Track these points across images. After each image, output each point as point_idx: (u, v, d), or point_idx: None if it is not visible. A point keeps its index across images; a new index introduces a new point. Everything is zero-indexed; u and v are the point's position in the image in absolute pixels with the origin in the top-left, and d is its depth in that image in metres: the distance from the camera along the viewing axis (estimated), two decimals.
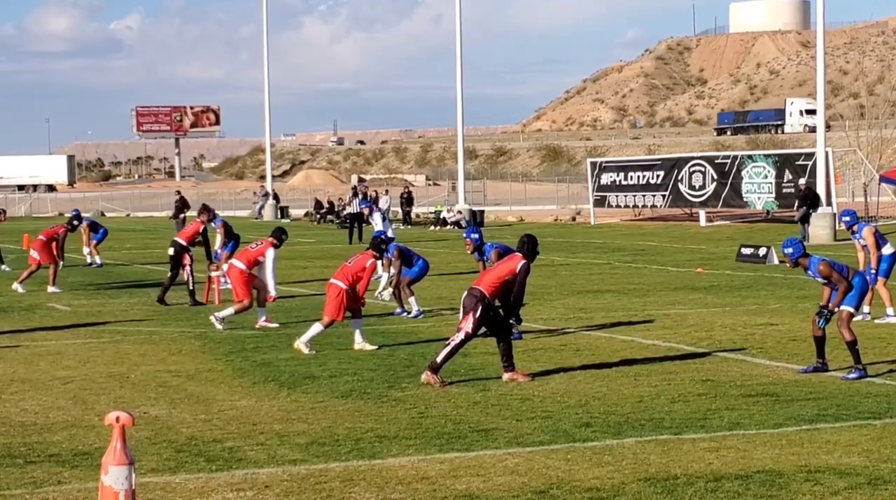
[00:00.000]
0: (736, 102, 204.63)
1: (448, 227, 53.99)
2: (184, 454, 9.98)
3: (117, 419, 6.85)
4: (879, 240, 18.23)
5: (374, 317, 19.50)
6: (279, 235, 18.73)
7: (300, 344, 15.60)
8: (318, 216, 63.22)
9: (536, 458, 9.63)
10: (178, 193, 53.39)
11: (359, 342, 15.92)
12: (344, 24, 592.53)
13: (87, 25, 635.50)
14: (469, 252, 17.95)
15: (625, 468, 9.23)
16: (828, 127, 45.85)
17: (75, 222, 27.70)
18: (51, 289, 24.84)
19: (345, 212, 48.22)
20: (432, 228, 54.37)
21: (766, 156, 48.22)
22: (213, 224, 26.32)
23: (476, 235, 17.87)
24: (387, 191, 63.18)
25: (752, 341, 15.99)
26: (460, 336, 13.12)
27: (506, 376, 13.14)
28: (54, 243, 25.46)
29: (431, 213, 60.05)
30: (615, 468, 9.24)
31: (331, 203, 63.24)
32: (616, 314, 19.39)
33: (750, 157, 48.68)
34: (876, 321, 17.82)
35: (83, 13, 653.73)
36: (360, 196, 48.23)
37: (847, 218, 18.60)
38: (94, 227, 33.33)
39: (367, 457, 9.77)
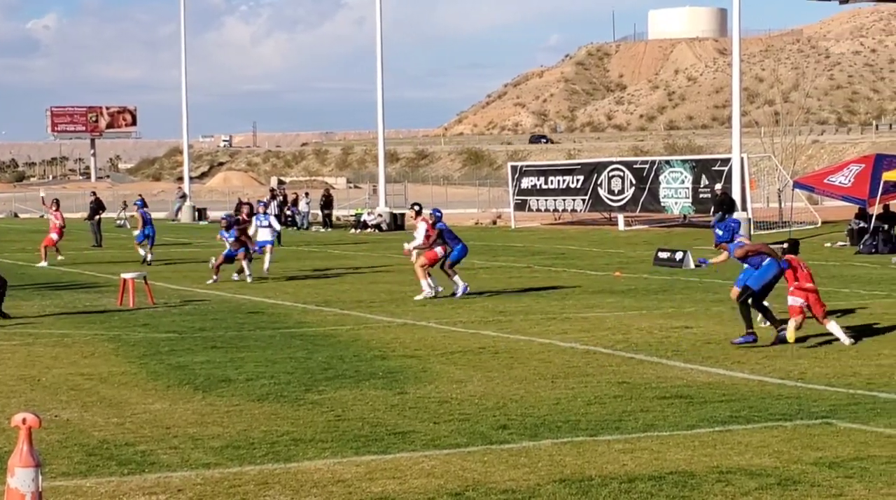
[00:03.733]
0: (654, 108, 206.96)
1: (368, 229, 53.89)
2: (95, 458, 9.84)
3: (24, 421, 6.74)
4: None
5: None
6: None
7: (847, 340, 15.76)
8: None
9: (453, 460, 9.63)
10: (94, 194, 52.63)
11: (842, 336, 15.83)
12: (265, 24, 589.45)
13: (2, 25, 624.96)
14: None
15: (540, 470, 9.26)
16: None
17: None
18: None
19: None
20: (352, 230, 54.25)
21: (684, 161, 48.76)
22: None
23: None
24: (307, 193, 62.95)
25: (668, 344, 16.14)
26: None
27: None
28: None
29: (352, 216, 59.92)
30: (531, 470, 9.26)
31: (249, 204, 62.82)
32: (535, 317, 19.47)
33: (667, 162, 49.20)
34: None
35: None
36: (280, 199, 47.90)
37: None
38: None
39: (283, 460, 9.70)
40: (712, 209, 40.63)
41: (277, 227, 31.18)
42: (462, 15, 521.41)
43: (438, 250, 22.80)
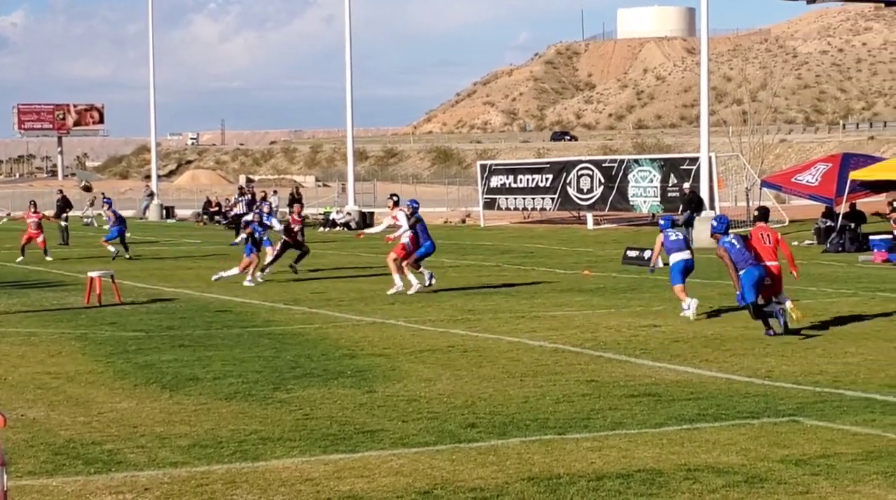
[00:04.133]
0: (623, 107, 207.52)
1: (337, 228, 53.78)
2: (62, 457, 9.78)
3: None
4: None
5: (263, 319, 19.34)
6: None
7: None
8: (205, 216, 62.57)
9: (421, 459, 9.63)
10: (61, 192, 52.39)
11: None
12: (234, 22, 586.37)
13: None
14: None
15: (509, 468, 9.27)
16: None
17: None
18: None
19: (231, 212, 47.62)
20: (321, 229, 54.14)
21: (652, 160, 48.91)
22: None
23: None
24: (275, 191, 62.73)
25: (636, 343, 16.18)
26: None
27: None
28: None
29: (320, 214, 59.78)
30: (499, 468, 9.27)
31: (219, 204, 62.67)
32: (504, 316, 19.49)
33: (636, 161, 49.34)
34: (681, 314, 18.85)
35: None
36: (246, 198, 47.62)
37: None
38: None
39: (251, 459, 9.67)
40: (680, 208, 40.80)
41: (277, 227, 29.30)
42: (432, 13, 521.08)
43: (407, 242, 23.34)
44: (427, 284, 23.31)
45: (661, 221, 20.20)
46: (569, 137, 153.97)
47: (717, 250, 17.40)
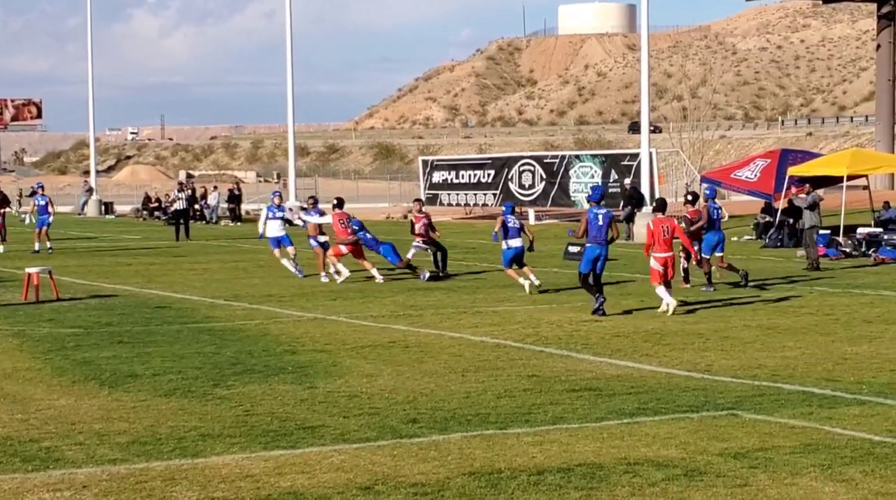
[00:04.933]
0: (565, 103, 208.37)
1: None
2: None
3: None
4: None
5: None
6: None
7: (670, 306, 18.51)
8: (145, 212, 62.04)
9: (362, 454, 9.61)
10: None
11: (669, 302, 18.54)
12: (174, 17, 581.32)
13: None
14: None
15: (450, 463, 9.28)
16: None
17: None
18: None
19: (171, 208, 47.14)
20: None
21: (593, 156, 49.14)
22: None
23: None
24: (215, 187, 62.40)
25: (577, 338, 16.26)
26: None
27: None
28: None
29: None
30: (440, 464, 9.28)
31: (158, 199, 62.16)
32: (446, 311, 19.50)
33: (577, 157, 49.55)
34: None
35: None
36: (186, 194, 47.09)
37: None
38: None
39: (190, 456, 9.60)
40: (621, 204, 41.06)
41: (296, 221, 27.87)
42: (374, 9, 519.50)
43: (343, 248, 24.93)
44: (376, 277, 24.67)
45: (504, 208, 22.93)
46: (653, 129, 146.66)
47: (581, 215, 18.71)
